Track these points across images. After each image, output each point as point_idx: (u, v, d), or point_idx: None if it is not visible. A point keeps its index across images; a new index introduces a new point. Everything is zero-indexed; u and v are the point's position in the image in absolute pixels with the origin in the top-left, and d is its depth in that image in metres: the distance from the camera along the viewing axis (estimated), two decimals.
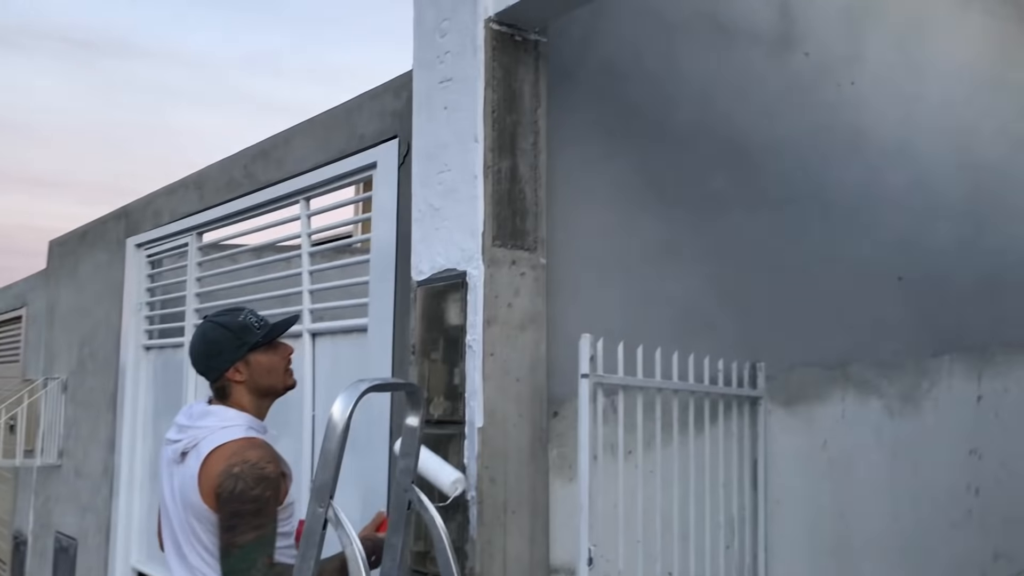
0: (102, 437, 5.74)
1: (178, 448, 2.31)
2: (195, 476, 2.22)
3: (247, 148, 4.55)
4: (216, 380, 2.41)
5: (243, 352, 2.38)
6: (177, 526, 2.32)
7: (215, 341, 2.39)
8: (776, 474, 3.78)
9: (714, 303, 3.68)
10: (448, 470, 2.63)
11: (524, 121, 3.05)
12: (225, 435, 2.27)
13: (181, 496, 2.28)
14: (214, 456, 2.22)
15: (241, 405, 2.39)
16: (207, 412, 2.36)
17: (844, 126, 4.35)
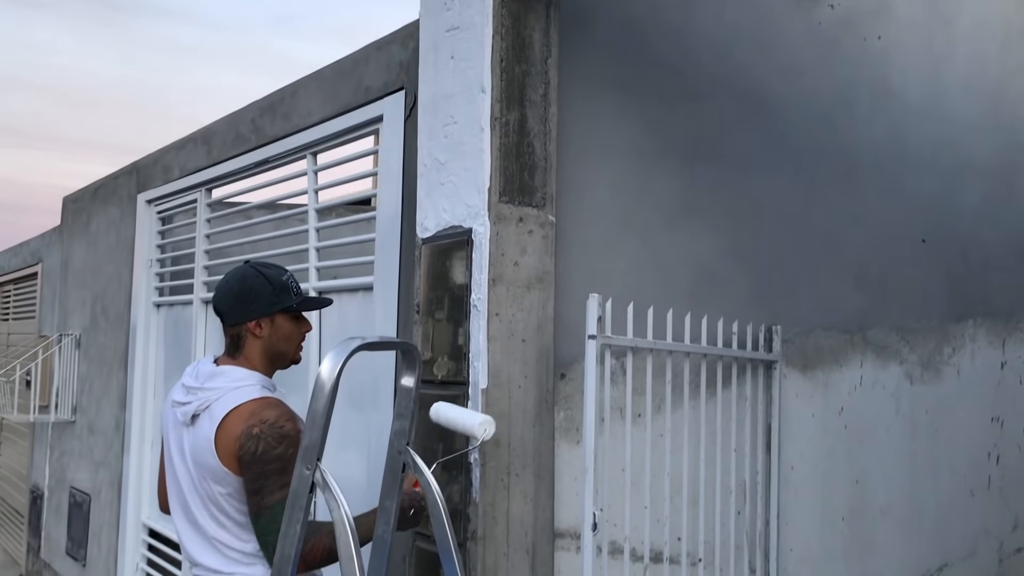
0: (114, 393, 5.73)
1: (188, 411, 2.23)
2: (211, 439, 2.16)
3: (254, 102, 4.46)
4: (234, 326, 2.33)
5: (274, 310, 2.33)
6: (188, 490, 2.26)
7: (253, 288, 2.32)
8: (790, 440, 3.69)
9: (730, 264, 3.57)
10: (473, 414, 2.55)
11: (534, 71, 2.93)
12: (239, 396, 2.20)
13: (194, 459, 2.22)
14: (231, 418, 2.16)
15: (251, 362, 2.32)
16: (216, 372, 2.29)
17: (869, 82, 4.19)
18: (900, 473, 4.25)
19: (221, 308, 2.36)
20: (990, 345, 4.80)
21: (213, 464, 2.16)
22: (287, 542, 1.80)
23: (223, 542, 2.21)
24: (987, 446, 4.76)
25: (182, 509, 2.30)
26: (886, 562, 4.16)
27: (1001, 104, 4.94)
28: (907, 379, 4.30)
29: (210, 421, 2.18)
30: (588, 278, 3.02)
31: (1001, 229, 4.89)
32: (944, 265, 4.54)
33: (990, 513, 4.75)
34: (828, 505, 3.91)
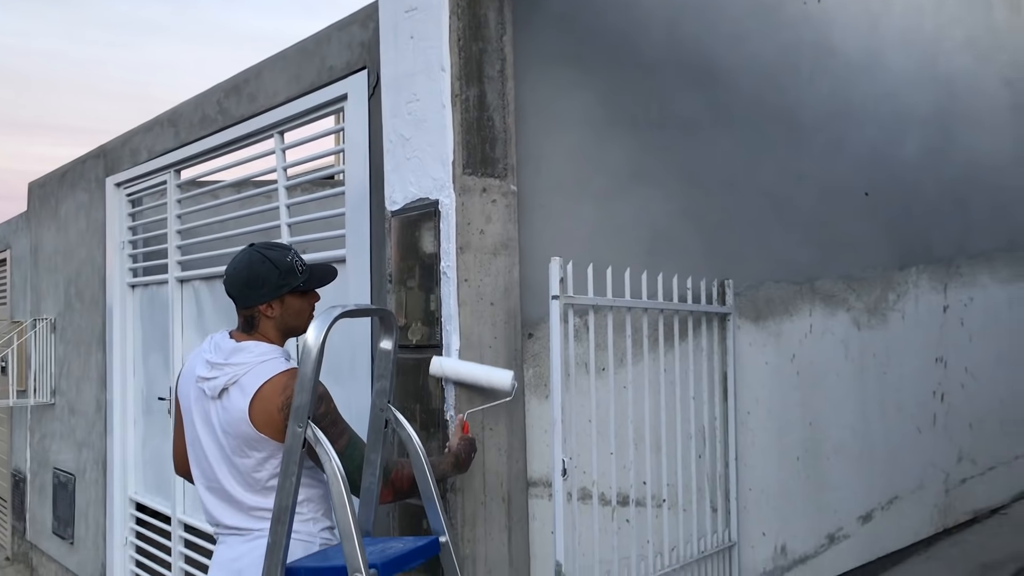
0: (93, 374, 5.85)
1: (216, 385, 2.36)
2: (245, 411, 2.30)
3: (219, 83, 4.55)
4: (247, 309, 2.47)
5: (282, 292, 2.45)
6: (215, 458, 2.40)
7: (260, 275, 2.43)
8: (745, 386, 3.93)
9: (683, 224, 3.77)
10: (497, 370, 2.78)
11: (490, 48, 3.09)
12: (268, 369, 2.34)
13: (225, 430, 2.36)
14: (265, 391, 2.29)
15: (268, 337, 2.46)
16: (239, 348, 2.41)
17: (811, 43, 4.39)
18: (850, 414, 4.52)
19: (232, 293, 2.49)
20: (932, 290, 5.08)
21: (249, 433, 2.30)
22: (283, 494, 1.99)
23: (250, 504, 2.37)
24: (932, 385, 5.05)
25: (204, 476, 2.46)
26: (839, 497, 4.45)
27: (937, 56, 5.17)
28: (855, 325, 4.56)
29: (242, 394, 2.31)
30: (550, 242, 3.21)
31: (940, 178, 5.14)
32: (887, 216, 4.79)
33: (936, 448, 5.05)
34: (783, 446, 4.17)
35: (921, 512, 4.94)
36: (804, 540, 4.25)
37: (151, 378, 5.38)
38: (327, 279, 2.62)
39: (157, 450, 5.24)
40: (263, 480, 2.33)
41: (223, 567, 2.43)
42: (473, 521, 2.94)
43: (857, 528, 4.53)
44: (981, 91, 5.51)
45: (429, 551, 2.20)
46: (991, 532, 5.13)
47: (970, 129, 5.39)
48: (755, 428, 4.01)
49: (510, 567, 3.03)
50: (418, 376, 3.05)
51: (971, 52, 5.43)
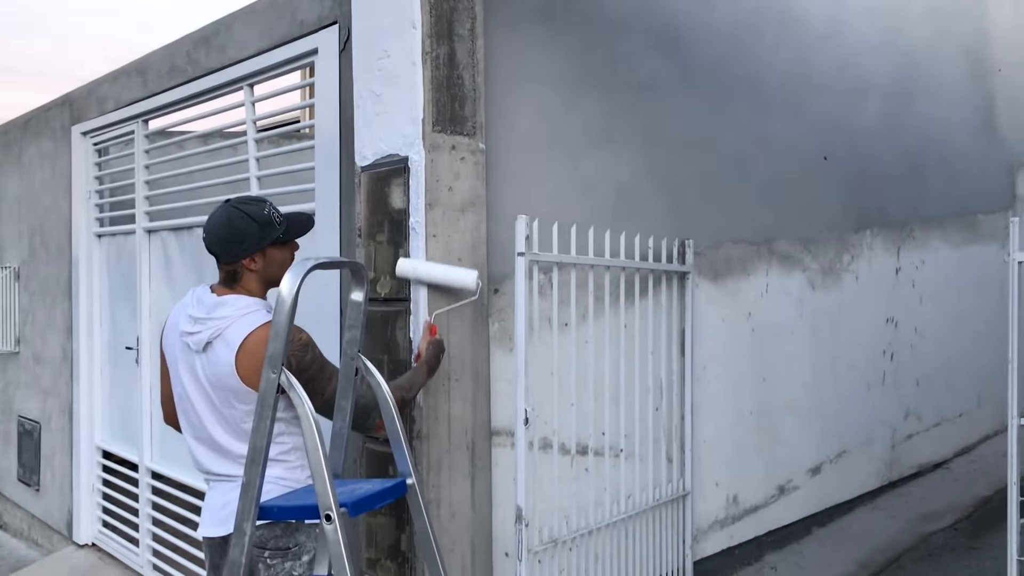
0: (59, 324, 5.86)
1: (200, 339, 2.41)
2: (231, 363, 2.36)
3: (189, 34, 4.54)
4: (230, 264, 2.50)
5: (263, 245, 2.49)
6: (203, 409, 2.47)
7: (240, 230, 2.46)
8: (703, 343, 4.07)
9: (647, 184, 3.87)
10: (465, 271, 2.91)
11: (461, 7, 3.14)
12: (251, 321, 2.40)
13: (212, 383, 2.42)
14: (249, 342, 2.36)
15: (250, 290, 2.50)
16: (221, 302, 2.46)
17: (775, 10, 4.48)
18: (803, 370, 4.69)
19: (214, 250, 2.52)
20: (886, 252, 5.25)
21: (235, 385, 2.37)
22: (258, 436, 2.07)
23: (238, 452, 2.43)
24: (882, 344, 5.24)
25: (192, 427, 2.52)
26: (791, 450, 4.63)
27: (898, 27, 5.29)
28: (809, 285, 4.71)
29: (227, 347, 2.37)
30: (517, 200, 3.29)
31: (897, 146, 5.28)
32: (844, 180, 4.93)
33: (884, 405, 5.26)
34: (738, 400, 4.33)
35: (868, 465, 5.15)
36: (755, 491, 4.44)
37: (118, 328, 5.41)
38: (306, 229, 2.65)
39: (124, 398, 5.29)
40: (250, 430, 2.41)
41: (214, 512, 2.52)
42: (438, 467, 3.05)
43: (807, 480, 4.73)
44: (940, 60, 5.64)
45: (396, 492, 2.30)
46: (933, 485, 5.37)
47: (928, 98, 5.53)
48: (711, 383, 4.16)
49: (473, 511, 3.16)
50: (386, 328, 3.14)
51: (932, 22, 5.56)
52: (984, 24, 6.04)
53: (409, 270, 2.95)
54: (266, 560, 2.45)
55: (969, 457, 5.75)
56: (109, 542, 5.44)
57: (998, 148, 6.24)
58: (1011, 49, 6.27)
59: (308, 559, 2.49)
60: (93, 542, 5.60)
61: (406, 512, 3.06)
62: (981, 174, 6.09)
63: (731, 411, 4.29)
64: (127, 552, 5.23)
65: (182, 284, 4.73)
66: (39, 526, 6.23)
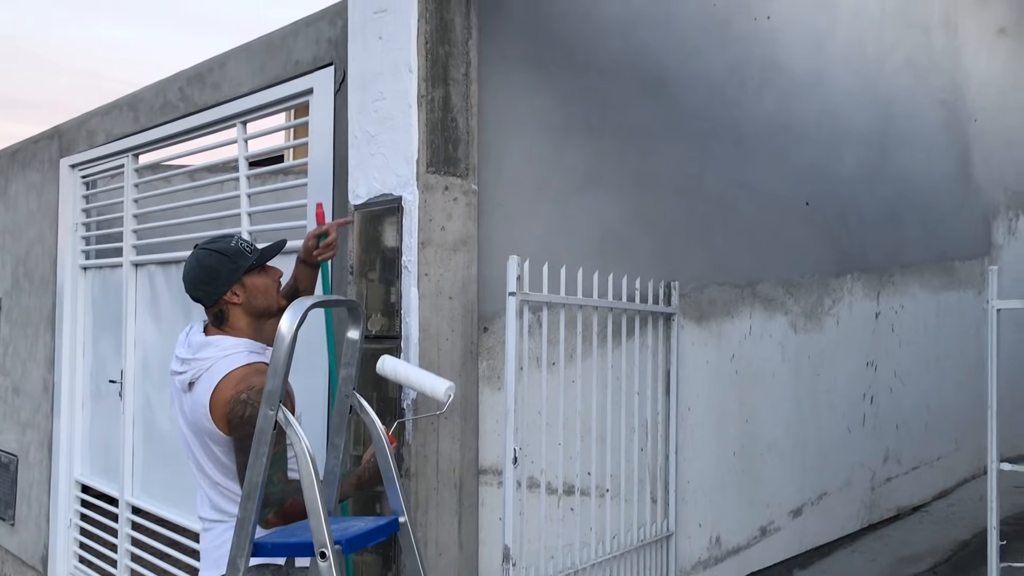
0: (41, 356, 5.82)
1: (184, 379, 2.44)
2: (206, 404, 2.37)
3: (182, 71, 4.59)
4: (213, 305, 2.50)
5: (239, 275, 2.49)
6: (195, 447, 2.49)
7: (211, 267, 2.48)
8: (687, 384, 4.12)
9: (634, 226, 3.94)
10: (438, 379, 2.77)
11: (456, 52, 3.21)
12: (229, 363, 2.40)
13: (193, 423, 2.44)
14: (222, 384, 2.36)
15: (239, 328, 2.51)
16: (206, 343, 2.47)
17: (758, 59, 4.59)
18: (785, 412, 4.74)
19: (194, 295, 2.53)
20: (866, 297, 5.34)
21: (209, 427, 2.39)
22: (254, 472, 2.09)
23: (226, 487, 2.46)
24: (863, 387, 5.31)
25: (195, 464, 2.53)
26: (772, 491, 4.67)
27: (878, 78, 5.43)
28: (792, 328, 4.78)
29: (204, 388, 2.39)
30: (507, 240, 3.34)
31: (876, 193, 5.40)
32: (825, 226, 5.03)
33: (864, 447, 5.32)
34: (721, 441, 4.37)
35: (848, 508, 5.19)
36: (738, 532, 4.46)
37: (101, 361, 5.39)
38: (276, 250, 2.64)
39: (106, 432, 5.25)
40: (231, 468, 2.42)
41: (208, 554, 2.53)
42: (426, 506, 3.06)
43: (788, 521, 4.76)
44: (918, 111, 5.79)
45: (389, 530, 2.31)
46: (912, 528, 5.41)
47: (906, 147, 5.67)
48: (695, 424, 4.20)
49: (460, 550, 3.17)
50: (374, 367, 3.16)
51: (910, 74, 5.71)
52: (959, 76, 6.21)
53: (390, 370, 2.81)
54: None
55: (947, 500, 5.81)
56: None
57: (974, 196, 6.39)
58: (985, 100, 6.44)
59: None
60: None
61: (393, 550, 3.07)
62: (958, 221, 6.22)
63: (715, 452, 4.33)
64: None
65: (168, 318, 4.74)
66: (12, 561, 6.13)
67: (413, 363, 3.02)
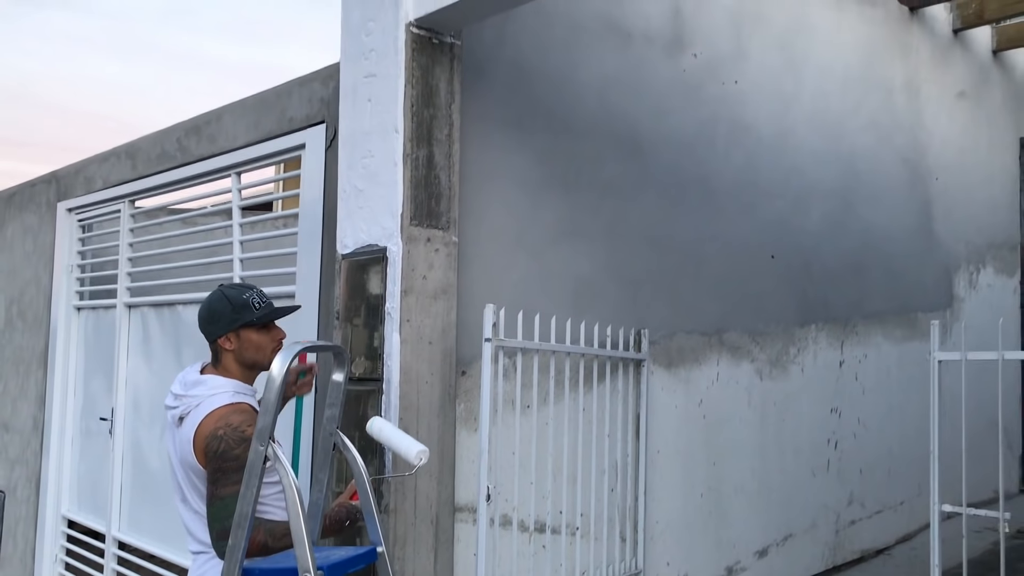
0: (32, 393, 5.97)
1: (175, 414, 2.62)
2: (190, 439, 2.55)
3: (180, 123, 4.83)
4: (211, 343, 2.71)
5: (235, 326, 2.66)
6: (182, 480, 2.66)
7: (216, 310, 2.67)
8: (656, 427, 4.32)
9: (606, 276, 4.17)
10: (413, 443, 2.89)
11: (440, 115, 3.45)
12: (214, 402, 2.58)
13: (180, 455, 2.62)
14: (205, 421, 2.54)
15: (229, 371, 2.68)
16: (199, 381, 2.66)
17: (727, 120, 4.87)
18: (751, 456, 4.94)
19: (200, 328, 2.74)
20: (830, 346, 5.57)
21: (192, 461, 2.56)
22: (244, 502, 2.27)
23: None
24: (827, 433, 5.52)
25: (179, 495, 2.70)
26: (739, 532, 4.85)
27: (842, 137, 5.72)
28: (758, 375, 5.00)
29: (191, 424, 2.57)
30: (485, 289, 3.56)
31: (841, 246, 5.66)
32: (791, 277, 5.27)
33: (829, 490, 5.51)
34: (689, 483, 4.56)
35: (813, 549, 5.37)
36: (704, 571, 4.63)
37: (92, 399, 5.55)
38: (284, 313, 2.83)
39: (95, 469, 5.39)
40: None
41: None
42: (404, 540, 3.24)
43: (754, 562, 4.94)
44: (880, 168, 6.08)
45: (368, 559, 2.49)
46: (875, 570, 5.58)
47: (869, 202, 5.95)
48: (663, 466, 4.39)
49: None
50: (359, 406, 3.35)
51: (873, 133, 6.01)
52: (921, 136, 6.53)
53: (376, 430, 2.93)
54: None
55: (910, 544, 5.99)
56: None
57: (936, 250, 6.66)
58: (946, 159, 6.75)
59: None
60: None
61: None
62: (920, 274, 6.49)
63: (682, 493, 4.52)
64: None
65: (160, 358, 4.92)
66: None
67: (393, 405, 3.22)
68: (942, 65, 6.82)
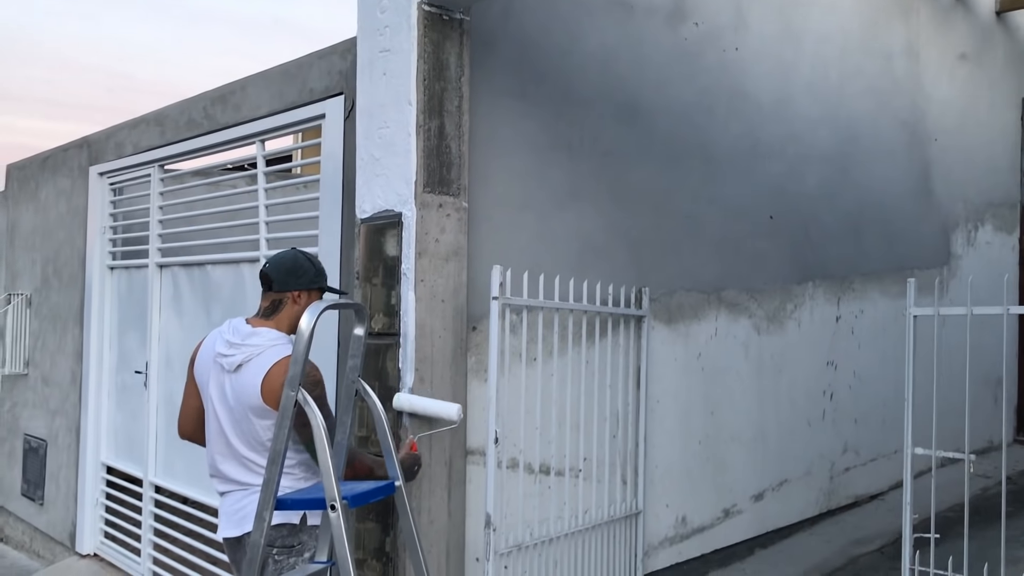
0: (69, 349, 6.32)
1: (234, 361, 2.89)
2: (258, 384, 2.83)
3: (206, 92, 5.09)
4: (280, 292, 2.98)
5: (312, 287, 3.01)
6: (226, 421, 2.93)
7: (303, 266, 3.01)
8: (656, 379, 4.61)
9: (609, 238, 4.43)
10: (446, 404, 3.39)
11: (450, 87, 3.70)
12: (278, 352, 2.86)
13: (238, 399, 2.88)
14: (275, 370, 2.82)
15: (281, 324, 2.96)
16: (254, 332, 2.93)
17: (727, 88, 5.08)
18: (748, 406, 5.23)
19: (273, 276, 3.00)
20: (827, 302, 5.82)
21: (257, 404, 2.84)
22: (278, 441, 2.58)
23: (254, 461, 2.91)
24: (822, 385, 5.79)
25: (219, 438, 2.98)
26: (736, 478, 5.16)
27: (840, 103, 5.91)
28: (755, 330, 5.27)
29: (256, 371, 2.85)
30: (494, 251, 3.84)
31: (837, 207, 5.88)
32: (788, 237, 5.51)
33: (824, 439, 5.80)
34: (687, 431, 4.86)
35: (807, 495, 5.68)
36: (702, 513, 4.95)
37: (126, 353, 5.89)
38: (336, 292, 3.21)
39: (131, 418, 5.75)
40: (265, 442, 2.89)
41: (229, 516, 2.99)
42: (420, 480, 3.55)
43: (750, 505, 5.25)
44: (880, 132, 6.27)
45: (387, 491, 2.81)
46: (868, 514, 5.89)
47: (868, 165, 6.15)
48: (663, 415, 4.69)
49: (449, 519, 3.66)
50: (378, 359, 3.65)
51: (872, 98, 6.19)
52: (920, 99, 6.69)
53: (405, 403, 3.43)
54: (274, 556, 2.92)
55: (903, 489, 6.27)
56: (111, 552, 5.87)
57: (934, 210, 6.86)
58: (946, 121, 6.92)
59: (309, 555, 2.98)
60: (95, 552, 6.03)
61: (390, 518, 3.56)
62: (918, 233, 6.70)
63: (681, 440, 4.82)
64: (128, 561, 5.66)
65: (190, 315, 5.24)
66: (42, 538, 6.64)
67: (410, 358, 3.52)
68: (943, 28, 6.96)
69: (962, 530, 3.63)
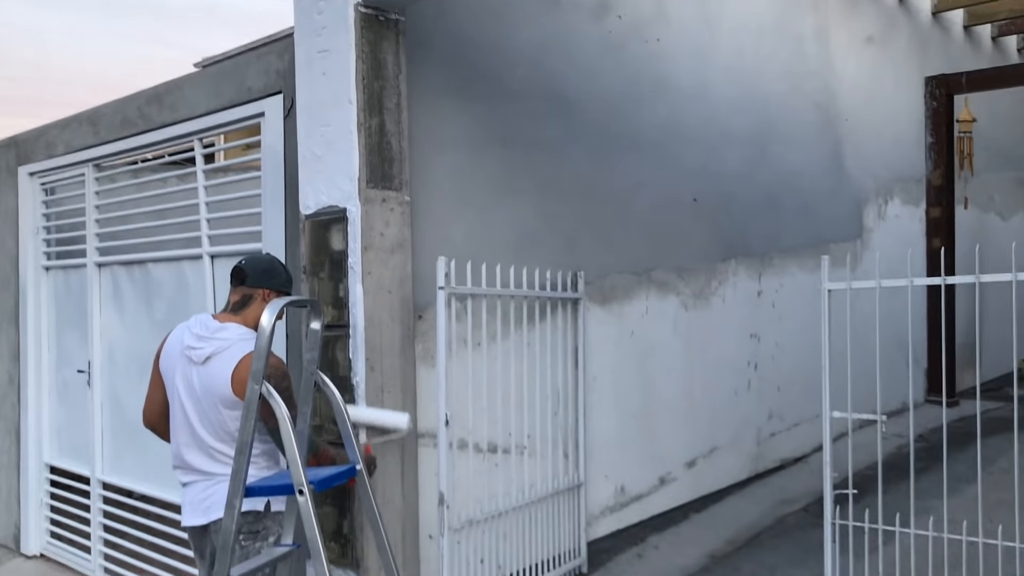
0: (5, 351, 6.27)
1: (203, 353, 3.04)
2: (227, 376, 2.99)
3: (140, 91, 5.11)
4: (252, 287, 3.16)
5: (278, 288, 3.21)
6: (196, 414, 3.08)
7: (276, 269, 3.26)
8: (593, 357, 4.85)
9: (545, 226, 4.64)
10: (395, 414, 3.57)
11: (388, 86, 3.84)
12: (246, 347, 3.01)
13: (206, 391, 3.03)
14: (243, 364, 2.97)
15: (247, 320, 3.13)
16: (222, 327, 3.10)
17: (651, 75, 5.32)
18: (678, 379, 5.52)
19: (248, 272, 3.18)
20: (749, 278, 6.15)
21: (227, 394, 3.00)
22: (244, 433, 2.72)
23: (220, 451, 3.06)
24: (747, 356, 6.12)
25: (186, 428, 3.11)
26: (668, 447, 5.45)
27: (757, 85, 6.21)
28: (683, 307, 5.56)
29: (226, 363, 3.00)
30: (437, 242, 4.01)
31: (757, 187, 6.20)
32: (712, 217, 5.80)
33: (750, 407, 6.14)
34: (623, 405, 5.12)
35: (737, 460, 6.01)
36: (639, 481, 5.23)
37: (66, 353, 5.88)
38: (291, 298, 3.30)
39: (76, 417, 5.76)
40: (233, 432, 3.03)
41: (194, 506, 3.13)
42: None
43: (683, 472, 5.56)
44: (794, 113, 6.60)
45: (348, 474, 2.98)
46: (793, 476, 6.26)
47: (784, 145, 6.48)
48: (600, 390, 4.94)
49: (403, 500, 3.85)
50: (327, 350, 3.79)
51: (786, 81, 6.51)
52: (832, 81, 7.05)
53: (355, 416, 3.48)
54: (240, 542, 3.07)
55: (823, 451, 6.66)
56: (59, 551, 5.89)
57: (847, 186, 7.25)
58: (856, 101, 7.30)
59: (273, 539, 3.13)
60: (42, 553, 6.03)
61: (346, 502, 3.73)
62: (832, 209, 7.08)
63: (618, 414, 5.08)
64: (78, 559, 5.69)
65: (132, 313, 5.27)
66: None
67: (360, 348, 3.67)
68: (851, 12, 7.33)
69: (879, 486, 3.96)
